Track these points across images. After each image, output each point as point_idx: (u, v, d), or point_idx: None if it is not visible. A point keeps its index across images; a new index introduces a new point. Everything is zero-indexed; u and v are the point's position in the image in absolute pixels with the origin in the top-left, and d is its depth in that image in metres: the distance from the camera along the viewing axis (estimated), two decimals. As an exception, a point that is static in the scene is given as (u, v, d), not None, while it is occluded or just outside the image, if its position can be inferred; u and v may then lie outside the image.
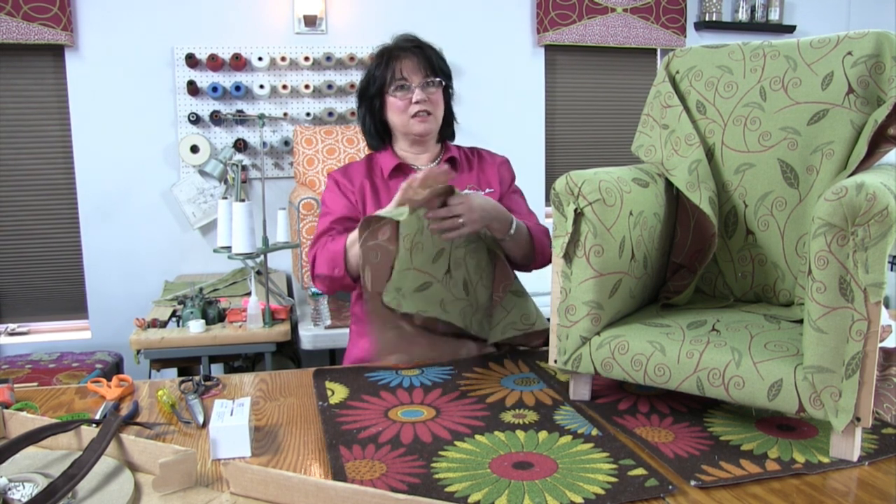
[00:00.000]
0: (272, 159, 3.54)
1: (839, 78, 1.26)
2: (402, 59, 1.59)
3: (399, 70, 1.58)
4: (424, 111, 1.60)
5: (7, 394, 1.24)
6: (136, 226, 3.44)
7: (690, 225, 1.40)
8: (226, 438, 1.04)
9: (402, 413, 1.21)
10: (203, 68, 3.40)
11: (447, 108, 1.69)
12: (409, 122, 1.61)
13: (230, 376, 1.42)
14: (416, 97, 1.58)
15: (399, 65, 1.58)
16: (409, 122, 1.61)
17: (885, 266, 0.94)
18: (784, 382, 1.02)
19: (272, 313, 2.44)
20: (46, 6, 3.16)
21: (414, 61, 1.59)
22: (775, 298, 1.35)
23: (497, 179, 1.71)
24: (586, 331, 1.21)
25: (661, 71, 1.49)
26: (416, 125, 1.61)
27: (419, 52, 1.59)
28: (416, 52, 1.59)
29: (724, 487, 0.94)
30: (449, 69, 1.67)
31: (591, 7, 3.81)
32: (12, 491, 0.89)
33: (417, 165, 1.69)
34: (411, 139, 1.66)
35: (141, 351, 2.37)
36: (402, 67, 1.58)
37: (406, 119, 1.61)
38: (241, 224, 2.21)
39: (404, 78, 1.58)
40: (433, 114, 1.62)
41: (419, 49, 1.60)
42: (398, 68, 1.58)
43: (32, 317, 3.47)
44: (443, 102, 1.65)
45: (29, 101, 3.32)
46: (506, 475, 0.97)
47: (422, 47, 1.61)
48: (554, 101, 3.92)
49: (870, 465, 1.00)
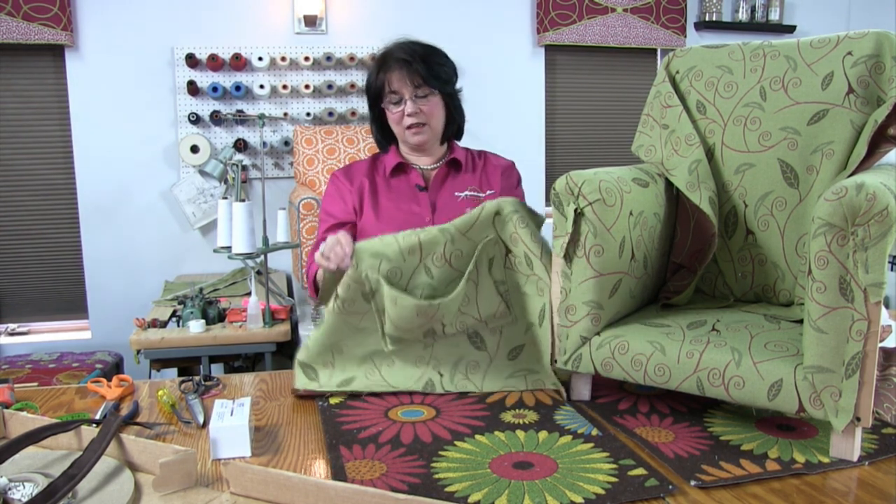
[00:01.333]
0: (272, 159, 3.54)
1: (839, 78, 1.26)
2: (391, 72, 1.59)
3: (389, 82, 1.59)
4: (417, 123, 1.60)
5: (7, 394, 1.24)
6: (136, 226, 3.44)
7: (690, 225, 1.40)
8: (226, 438, 1.04)
9: (402, 413, 1.21)
10: (203, 68, 3.40)
11: (452, 108, 1.67)
12: (405, 134, 1.63)
13: (230, 376, 1.42)
14: (407, 110, 1.59)
15: (389, 77, 1.59)
16: (404, 133, 1.63)
17: (885, 266, 0.94)
18: (784, 382, 1.02)
19: (272, 313, 2.44)
20: (46, 6, 3.16)
21: (402, 73, 1.58)
22: (775, 298, 1.35)
23: (499, 182, 1.72)
24: (586, 331, 1.21)
25: (661, 71, 1.49)
26: (410, 137, 1.63)
27: (407, 64, 1.57)
28: (405, 66, 1.58)
29: (724, 487, 0.94)
30: (448, 72, 1.64)
31: (591, 7, 3.81)
32: (12, 491, 0.89)
33: (419, 166, 1.70)
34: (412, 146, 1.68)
35: (141, 351, 2.37)
36: (392, 80, 1.59)
37: (402, 130, 1.63)
38: (241, 224, 2.21)
39: (394, 91, 1.59)
40: (428, 123, 1.62)
41: (407, 62, 1.58)
42: (388, 80, 1.59)
43: (32, 317, 3.47)
44: (441, 107, 1.64)
45: (29, 101, 3.32)
46: (506, 475, 0.97)
47: (411, 59, 1.57)
48: (554, 101, 3.92)
49: (870, 465, 1.00)
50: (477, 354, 1.34)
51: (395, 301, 1.26)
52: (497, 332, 1.34)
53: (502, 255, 1.34)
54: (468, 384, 1.32)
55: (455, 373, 1.33)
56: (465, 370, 1.33)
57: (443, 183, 1.69)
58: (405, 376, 1.32)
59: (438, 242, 1.30)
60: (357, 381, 1.31)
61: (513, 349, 1.35)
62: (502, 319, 1.34)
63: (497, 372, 1.33)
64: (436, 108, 1.63)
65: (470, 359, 1.34)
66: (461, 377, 1.33)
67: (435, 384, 1.32)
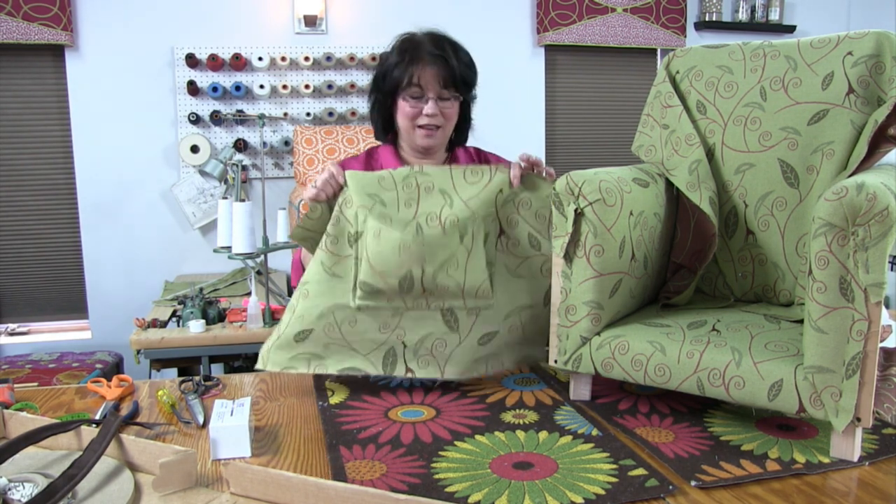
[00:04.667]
0: (272, 159, 3.54)
1: (839, 78, 1.26)
2: (423, 66, 1.47)
3: (417, 76, 1.47)
4: (433, 125, 1.50)
5: (7, 394, 1.24)
6: (136, 226, 3.44)
7: (690, 225, 1.40)
8: (226, 438, 1.04)
9: (402, 413, 1.21)
10: (203, 68, 3.40)
11: (463, 116, 1.59)
12: (415, 133, 1.52)
13: (230, 376, 1.42)
14: (427, 110, 1.48)
15: (418, 71, 1.47)
16: (414, 132, 1.52)
17: (885, 266, 0.94)
18: (784, 382, 1.02)
19: (272, 313, 2.43)
20: (46, 6, 3.16)
21: (435, 71, 1.47)
22: (775, 298, 1.35)
23: None
24: (586, 331, 1.21)
25: (661, 71, 1.49)
26: (421, 138, 1.52)
27: (442, 62, 1.47)
28: (440, 63, 1.47)
29: (724, 487, 0.94)
30: (473, 77, 1.55)
31: (591, 7, 3.81)
32: (12, 491, 0.89)
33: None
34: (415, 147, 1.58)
35: (141, 351, 2.37)
36: (421, 75, 1.47)
37: (412, 127, 1.52)
38: (241, 224, 2.20)
39: (420, 86, 1.47)
40: (442, 128, 1.52)
41: (443, 60, 1.47)
42: (416, 74, 1.47)
43: (32, 317, 3.47)
44: (457, 114, 1.55)
45: (29, 101, 3.32)
46: (506, 475, 0.97)
47: (446, 57, 1.47)
48: (554, 101, 3.92)
49: (870, 465, 1.00)
50: (447, 334, 1.29)
51: (378, 234, 1.22)
52: (473, 315, 1.29)
53: (495, 235, 1.32)
54: (431, 367, 1.29)
55: (419, 347, 1.28)
56: (431, 347, 1.28)
57: None
58: (366, 341, 1.27)
59: (437, 203, 1.27)
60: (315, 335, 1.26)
61: (485, 335, 1.31)
62: (482, 300, 1.29)
63: (463, 355, 1.29)
64: (454, 114, 1.54)
65: (438, 336, 1.28)
66: (425, 353, 1.28)
67: (397, 356, 1.28)
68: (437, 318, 1.29)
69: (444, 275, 1.26)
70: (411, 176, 1.31)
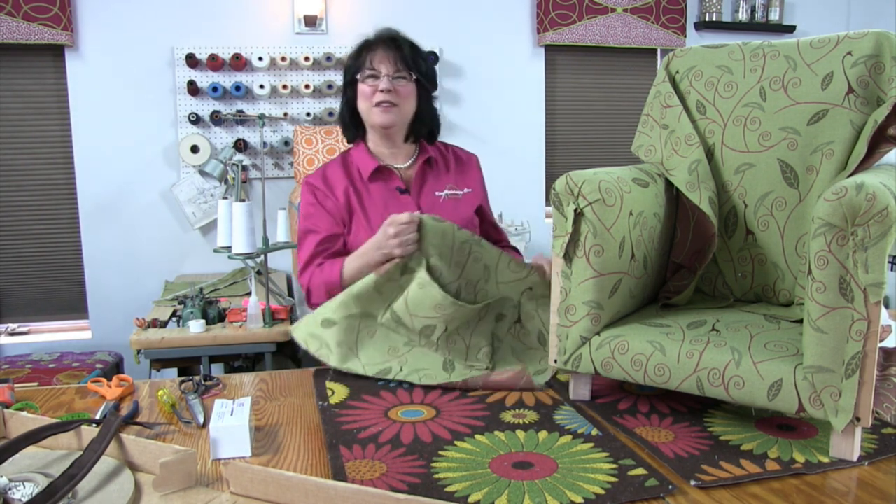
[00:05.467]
0: (272, 159, 3.54)
1: (839, 78, 1.26)
2: (375, 50, 1.59)
3: (371, 60, 1.59)
4: (388, 101, 1.58)
5: (7, 394, 1.24)
6: (136, 226, 3.44)
7: (690, 225, 1.40)
8: (226, 438, 1.04)
9: (402, 413, 1.21)
10: (203, 68, 3.40)
11: (425, 107, 1.65)
12: (372, 111, 1.59)
13: (230, 376, 1.42)
14: (382, 85, 1.57)
15: (372, 55, 1.59)
16: (371, 110, 1.60)
17: (884, 266, 0.94)
18: (784, 382, 1.02)
19: (272, 313, 2.44)
20: (46, 6, 3.16)
21: (386, 53, 1.59)
22: (775, 298, 1.35)
23: (475, 180, 1.72)
24: (586, 331, 1.21)
25: (661, 71, 1.49)
26: (377, 115, 1.59)
27: (392, 44, 1.60)
28: (390, 45, 1.59)
29: (724, 487, 0.94)
30: (428, 68, 1.64)
31: (591, 7, 3.81)
32: (12, 491, 0.89)
33: (396, 166, 1.65)
34: (378, 132, 1.64)
35: (141, 351, 2.37)
36: (374, 58, 1.59)
37: (369, 107, 1.60)
38: (242, 224, 2.21)
39: (374, 68, 1.58)
40: (398, 106, 1.59)
41: (393, 41, 1.60)
42: (370, 58, 1.59)
43: (32, 317, 3.47)
44: (414, 98, 1.63)
45: (29, 101, 3.32)
46: (506, 475, 0.97)
47: (396, 40, 1.60)
48: (554, 101, 3.92)
49: (870, 465, 1.00)
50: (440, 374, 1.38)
51: (423, 285, 1.35)
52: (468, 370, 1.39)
53: (511, 321, 1.47)
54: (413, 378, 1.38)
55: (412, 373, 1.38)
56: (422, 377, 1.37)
57: (422, 184, 1.65)
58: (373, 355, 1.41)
59: (478, 274, 1.43)
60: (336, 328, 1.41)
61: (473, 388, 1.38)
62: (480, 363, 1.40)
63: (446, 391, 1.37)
64: (410, 94, 1.61)
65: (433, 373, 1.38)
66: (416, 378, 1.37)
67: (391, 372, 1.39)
68: (437, 362, 1.39)
69: (456, 335, 1.41)
70: (469, 243, 1.42)
